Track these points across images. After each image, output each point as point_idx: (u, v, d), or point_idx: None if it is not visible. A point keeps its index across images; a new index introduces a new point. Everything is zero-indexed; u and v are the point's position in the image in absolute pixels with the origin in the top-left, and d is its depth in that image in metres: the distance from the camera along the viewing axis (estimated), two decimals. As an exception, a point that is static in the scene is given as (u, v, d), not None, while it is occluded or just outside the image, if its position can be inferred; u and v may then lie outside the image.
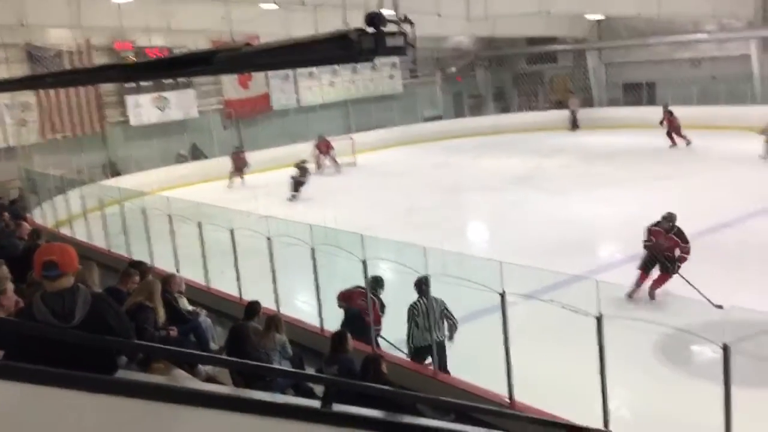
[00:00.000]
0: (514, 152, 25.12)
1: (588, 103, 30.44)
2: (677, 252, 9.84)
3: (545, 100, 31.16)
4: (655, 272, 9.98)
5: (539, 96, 31.32)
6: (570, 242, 12.97)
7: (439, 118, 31.37)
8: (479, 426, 4.37)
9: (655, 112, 26.94)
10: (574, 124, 28.98)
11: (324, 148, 24.24)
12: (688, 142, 22.47)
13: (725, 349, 4.88)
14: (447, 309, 7.63)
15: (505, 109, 32.47)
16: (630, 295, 9.75)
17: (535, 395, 6.43)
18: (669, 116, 22.90)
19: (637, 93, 29.57)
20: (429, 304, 7.43)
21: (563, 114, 29.27)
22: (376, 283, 8.30)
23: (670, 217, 10.09)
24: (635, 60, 29.12)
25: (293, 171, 20.01)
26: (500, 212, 16.58)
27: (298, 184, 19.73)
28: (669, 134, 22.83)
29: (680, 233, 9.93)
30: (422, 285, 7.51)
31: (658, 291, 9.90)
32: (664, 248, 9.86)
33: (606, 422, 5.71)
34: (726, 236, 12.53)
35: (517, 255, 11.24)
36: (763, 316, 6.44)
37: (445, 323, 7.63)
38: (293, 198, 19.39)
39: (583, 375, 6.02)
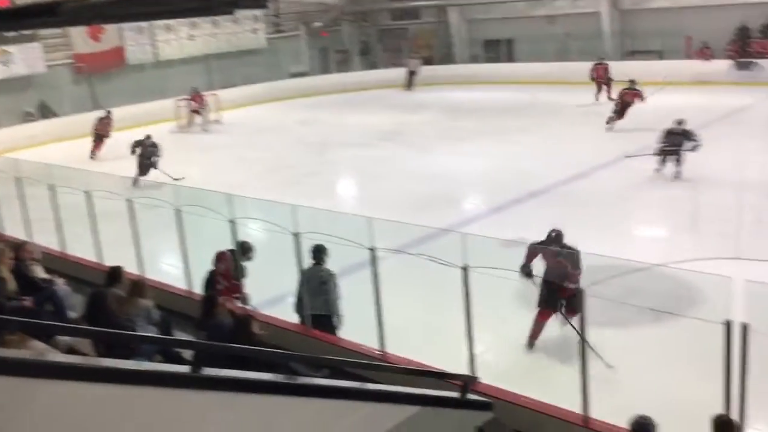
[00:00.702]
0: (381, 108, 25.29)
1: (450, 59, 31.01)
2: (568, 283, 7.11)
3: (410, 56, 31.43)
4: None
5: (404, 52, 31.54)
6: (436, 196, 13.29)
7: (305, 74, 30.99)
8: (353, 380, 4.43)
9: (514, 68, 27.93)
10: (409, 84, 28.72)
11: (199, 101, 23.36)
12: (598, 98, 21.80)
13: (580, 292, 5.18)
14: (330, 281, 7.32)
15: (371, 64, 32.52)
16: (531, 345, 7.47)
17: (406, 346, 6.59)
18: (599, 67, 22.46)
19: (496, 49, 30.44)
20: (304, 274, 7.33)
21: (425, 70, 29.43)
22: (243, 248, 8.04)
23: (558, 237, 7.53)
24: (495, 17, 29.88)
25: (138, 148, 15.71)
26: (368, 168, 16.70)
27: (145, 165, 15.45)
28: (602, 83, 22.24)
29: (572, 257, 7.28)
30: (314, 252, 7.37)
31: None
32: (557, 275, 7.19)
33: (472, 367, 5.95)
34: (580, 186, 13.25)
35: (386, 210, 11.42)
36: (612, 260, 6.89)
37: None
38: (135, 183, 14.57)
39: (451, 324, 6.23)
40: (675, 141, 12.98)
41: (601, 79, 22.24)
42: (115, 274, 7.21)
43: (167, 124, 22.65)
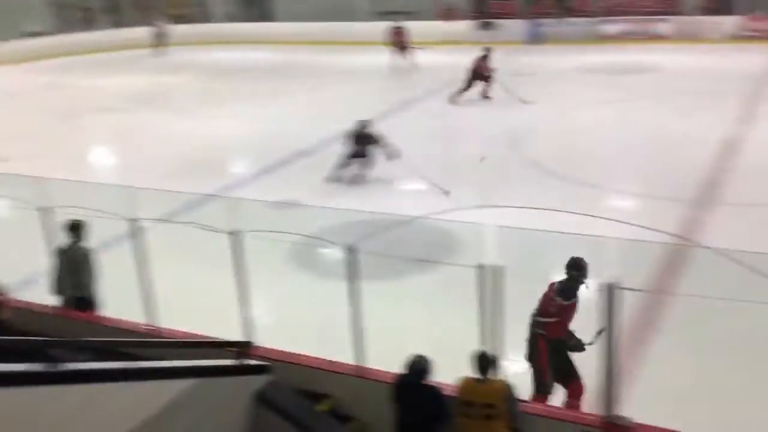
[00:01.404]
0: (133, 70, 23.94)
1: (205, 17, 29.98)
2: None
3: (163, 14, 29.84)
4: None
5: (155, 9, 29.85)
6: (202, 161, 12.89)
7: (42, 33, 28.21)
8: (123, 359, 4.19)
9: (274, 28, 27.67)
10: (159, 46, 26.94)
11: None
12: (403, 61, 20.96)
13: (351, 249, 5.30)
14: (86, 261, 6.71)
15: (118, 23, 30.46)
16: None
17: (180, 318, 6.35)
18: (395, 31, 21.50)
19: (253, 8, 29.94)
20: (60, 253, 6.71)
21: (179, 29, 28.04)
22: None
23: (580, 264, 5.32)
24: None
25: None
26: (124, 135, 15.74)
27: None
28: (400, 48, 21.26)
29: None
30: (70, 229, 6.72)
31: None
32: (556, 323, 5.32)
33: (249, 332, 5.88)
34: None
35: (148, 179, 10.88)
36: (379, 215, 7.18)
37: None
38: None
39: (225, 290, 6.10)
40: (363, 142, 11.31)
41: (399, 44, 21.28)
42: None
43: None
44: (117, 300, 6.83)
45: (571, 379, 5.29)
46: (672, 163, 11.42)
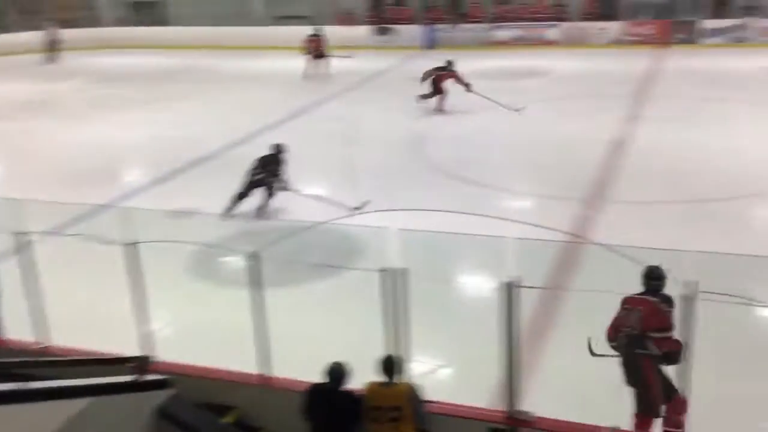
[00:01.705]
0: (18, 77, 22.86)
1: (94, 22, 28.93)
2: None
3: (52, 19, 28.55)
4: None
5: (42, 13, 28.52)
6: (93, 171, 12.42)
7: None
8: (16, 380, 3.99)
9: (166, 32, 27.06)
10: (51, 51, 25.46)
11: None
12: (307, 72, 20.35)
13: (253, 256, 5.23)
14: None
15: (1, 28, 28.94)
16: None
17: (76, 335, 6.09)
18: (312, 39, 20.44)
19: (144, 12, 29.14)
20: None
21: (67, 34, 26.83)
22: None
23: (662, 273, 4.99)
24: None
25: None
26: (10, 144, 14.97)
27: None
28: (316, 56, 20.26)
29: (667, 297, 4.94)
30: None
31: None
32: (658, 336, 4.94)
33: (148, 346, 5.71)
34: (245, 151, 13.30)
35: (37, 189, 10.40)
36: (282, 222, 7.11)
37: None
38: None
39: (122, 304, 5.90)
40: (272, 170, 10.01)
41: (315, 52, 20.28)
42: None
43: None
44: (5, 318, 6.48)
45: (673, 393, 5.03)
46: (564, 164, 11.86)
